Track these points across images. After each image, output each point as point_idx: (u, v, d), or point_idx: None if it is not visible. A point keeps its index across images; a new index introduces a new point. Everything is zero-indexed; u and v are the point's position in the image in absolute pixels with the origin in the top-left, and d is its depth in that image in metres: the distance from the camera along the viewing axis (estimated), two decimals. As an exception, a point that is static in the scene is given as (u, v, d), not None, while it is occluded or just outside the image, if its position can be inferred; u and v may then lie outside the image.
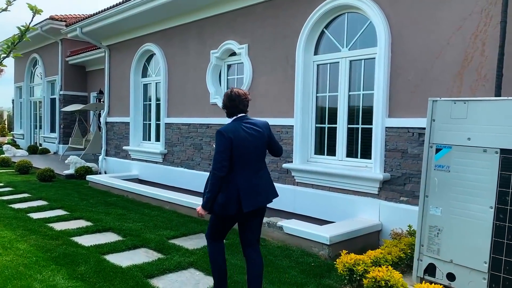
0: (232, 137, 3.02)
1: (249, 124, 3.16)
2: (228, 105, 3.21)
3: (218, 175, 2.99)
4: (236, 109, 3.19)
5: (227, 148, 3.00)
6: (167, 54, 8.82)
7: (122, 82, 10.30)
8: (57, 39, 15.90)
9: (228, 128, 3.08)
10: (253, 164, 3.12)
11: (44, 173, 9.41)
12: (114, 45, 10.58)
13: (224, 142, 3.01)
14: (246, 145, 3.06)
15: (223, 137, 3.02)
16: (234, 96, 3.18)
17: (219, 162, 2.99)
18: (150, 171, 9.24)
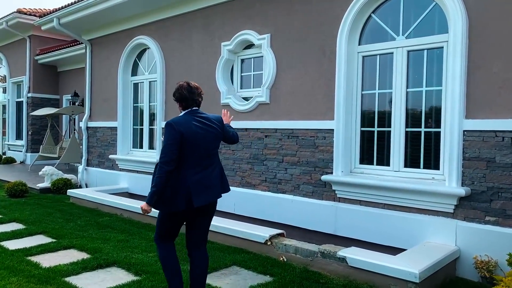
0: (182, 130, 2.93)
1: (201, 118, 3.10)
2: (182, 97, 3.11)
3: (166, 169, 2.87)
4: (191, 102, 3.12)
5: (176, 141, 2.91)
6: (165, 48, 7.63)
7: (107, 82, 8.99)
8: (25, 35, 14.28)
9: (179, 121, 3.00)
10: (204, 159, 3.05)
11: (15, 187, 7.95)
12: (98, 40, 9.25)
13: (173, 135, 2.92)
14: (197, 139, 2.99)
15: (172, 130, 2.93)
16: (189, 88, 3.11)
17: (167, 155, 2.89)
18: (143, 183, 7.97)
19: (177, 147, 2.91)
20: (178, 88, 3.15)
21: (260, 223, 5.77)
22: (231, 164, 6.41)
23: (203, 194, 2.99)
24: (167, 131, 2.96)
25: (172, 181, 2.91)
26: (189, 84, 3.16)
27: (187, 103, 3.12)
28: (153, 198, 2.91)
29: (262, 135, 6.00)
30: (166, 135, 2.96)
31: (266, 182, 5.93)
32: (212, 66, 6.73)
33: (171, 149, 2.90)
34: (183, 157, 2.95)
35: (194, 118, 3.06)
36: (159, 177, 2.88)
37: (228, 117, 3.61)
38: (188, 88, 3.13)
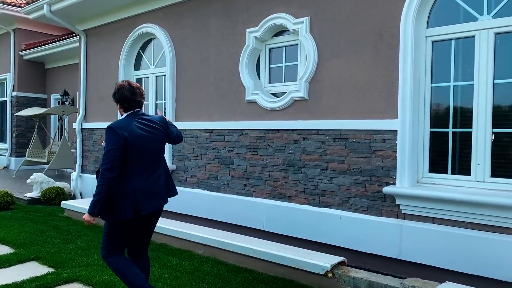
0: (126, 134, 2.81)
1: (144, 120, 2.99)
2: (124, 98, 2.97)
3: (109, 176, 2.74)
4: (133, 103, 2.99)
5: (120, 146, 2.78)
6: (175, 37, 6.63)
7: (105, 77, 7.94)
8: (9, 29, 13.08)
9: (121, 124, 2.87)
10: (150, 164, 2.95)
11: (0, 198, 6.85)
12: (94, 30, 8.20)
13: (116, 139, 2.78)
14: (141, 143, 2.89)
15: (115, 134, 2.79)
16: (131, 88, 2.99)
17: (110, 162, 2.75)
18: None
19: (121, 152, 2.79)
20: (118, 88, 3.00)
21: (298, 243, 4.84)
22: (259, 172, 5.45)
23: (151, 200, 2.89)
24: (109, 135, 2.81)
25: (117, 188, 2.80)
26: (130, 84, 3.02)
27: (129, 105, 2.98)
28: (95, 208, 2.76)
29: (299, 138, 5.06)
30: (107, 140, 2.81)
31: (305, 194, 4.99)
32: (234, 57, 5.77)
33: (114, 155, 2.76)
34: (128, 162, 2.83)
35: (137, 120, 2.94)
36: (101, 185, 2.74)
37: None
38: (129, 88, 2.99)
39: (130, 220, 2.87)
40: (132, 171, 2.85)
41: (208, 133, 6.12)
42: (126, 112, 3.00)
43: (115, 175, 2.76)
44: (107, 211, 2.82)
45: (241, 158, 5.67)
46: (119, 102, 3.01)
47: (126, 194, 2.80)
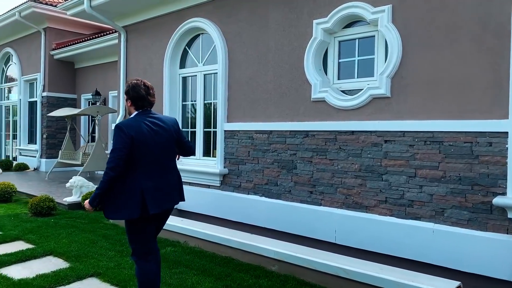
0: (133, 134, 2.80)
1: (154, 119, 2.96)
2: (139, 96, 2.95)
3: (111, 174, 2.75)
4: (146, 102, 2.99)
5: (126, 146, 2.78)
6: (228, 32, 6.16)
7: (148, 76, 7.53)
8: (40, 28, 12.85)
9: (130, 123, 2.85)
10: (157, 163, 2.93)
11: (42, 203, 6.47)
12: (135, 26, 7.80)
13: (123, 139, 2.78)
14: (149, 143, 2.86)
15: (122, 133, 2.78)
16: (146, 88, 2.99)
17: (114, 160, 2.75)
18: (196, 198, 6.50)
19: (126, 152, 2.78)
20: (134, 86, 2.98)
21: (378, 258, 4.31)
22: (329, 178, 4.93)
23: (159, 200, 2.88)
24: (117, 134, 2.81)
25: (122, 187, 2.81)
26: (145, 84, 3.02)
27: (142, 104, 2.98)
28: (95, 200, 2.84)
29: (379, 140, 4.52)
30: (114, 139, 2.82)
31: (387, 204, 4.45)
32: (298, 52, 5.27)
33: (119, 154, 2.77)
34: (134, 161, 2.82)
35: (147, 119, 2.92)
36: (103, 181, 2.79)
37: None
38: (144, 87, 2.99)
39: (142, 218, 2.85)
40: (139, 170, 2.84)
41: (266, 135, 5.63)
42: (137, 111, 2.99)
43: (117, 174, 2.77)
44: (112, 208, 2.84)
45: (306, 162, 5.16)
46: (133, 100, 2.98)
47: (132, 193, 2.80)
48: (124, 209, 2.81)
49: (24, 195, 8.35)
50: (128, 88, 3.01)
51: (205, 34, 6.66)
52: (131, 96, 2.98)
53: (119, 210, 2.83)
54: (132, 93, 2.97)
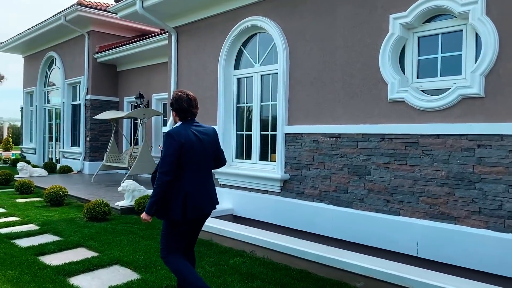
0: (183, 141, 2.96)
1: (199, 128, 3.13)
2: (182, 109, 3.10)
3: (165, 179, 2.90)
4: (189, 114, 3.13)
5: (176, 152, 2.93)
6: (289, 30, 5.87)
7: (200, 78, 7.33)
8: (84, 31, 12.94)
9: (179, 131, 3.01)
10: (201, 170, 3.09)
11: (97, 208, 6.34)
12: (187, 27, 7.62)
13: (174, 145, 2.93)
14: (196, 151, 3.03)
15: (173, 140, 2.94)
16: (189, 101, 3.11)
17: (166, 166, 2.91)
18: (254, 204, 6.23)
19: (177, 158, 2.92)
20: (177, 99, 3.12)
21: (470, 274, 3.89)
22: (409, 186, 4.54)
23: (198, 205, 3.03)
24: (168, 141, 2.95)
25: (171, 191, 2.94)
26: (188, 96, 3.14)
27: (185, 115, 3.12)
28: (152, 208, 2.95)
29: (471, 145, 4.11)
30: (166, 145, 2.95)
31: (481, 215, 4.03)
32: (371, 49, 4.91)
33: (171, 160, 2.91)
34: (183, 167, 2.96)
35: (192, 128, 3.08)
36: (158, 187, 2.90)
37: None
38: (187, 100, 3.11)
39: (183, 221, 3.00)
40: (185, 176, 2.98)
41: (333, 138, 5.29)
42: (181, 121, 3.13)
43: (170, 178, 2.90)
44: (161, 211, 2.99)
45: (382, 168, 4.79)
46: (176, 112, 3.13)
47: (177, 197, 2.95)
48: (170, 212, 2.96)
49: (74, 199, 8.31)
50: (172, 100, 3.14)
51: (263, 33, 6.39)
52: (175, 108, 3.13)
53: (166, 213, 2.98)
54: (176, 105, 3.12)
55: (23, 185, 8.90)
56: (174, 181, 2.93)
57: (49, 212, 7.04)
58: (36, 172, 11.86)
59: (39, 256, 4.58)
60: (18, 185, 8.89)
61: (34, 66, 16.41)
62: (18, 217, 6.65)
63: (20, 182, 8.93)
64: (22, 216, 6.68)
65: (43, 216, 6.68)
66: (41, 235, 5.52)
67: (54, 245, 4.97)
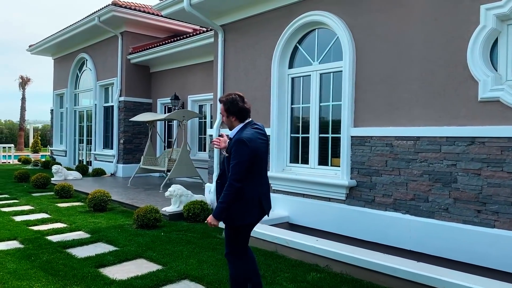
0: (254, 146, 2.93)
1: (259, 129, 3.11)
2: (240, 110, 3.06)
3: (237, 186, 2.88)
4: (245, 113, 3.09)
5: (249, 158, 2.90)
6: (355, 25, 5.45)
7: (251, 78, 6.97)
8: (117, 32, 12.77)
9: (249, 136, 2.95)
10: (264, 172, 3.13)
11: (148, 215, 6.03)
12: (235, 24, 7.28)
13: (247, 152, 2.89)
14: (261, 154, 3.04)
15: (246, 147, 2.89)
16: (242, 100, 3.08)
17: (240, 173, 2.88)
18: (313, 212, 5.82)
19: (250, 164, 2.90)
20: (231, 102, 3.05)
21: None
22: (507, 195, 4.07)
23: (267, 204, 3.12)
24: (240, 148, 2.89)
25: (244, 195, 2.93)
26: (238, 95, 3.10)
27: (244, 114, 3.08)
28: (222, 213, 2.92)
29: None
30: (238, 152, 2.89)
31: None
32: (457, 43, 4.46)
33: (244, 166, 2.88)
34: (252, 171, 2.95)
35: (256, 130, 3.05)
36: (229, 193, 2.88)
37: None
38: (240, 99, 3.08)
39: (254, 223, 3.08)
40: (255, 178, 3.01)
41: (411, 142, 4.84)
42: (241, 122, 3.08)
43: (241, 185, 2.88)
44: (238, 215, 2.97)
45: (472, 175, 4.32)
46: (234, 114, 3.06)
47: (252, 200, 2.98)
48: (248, 216, 2.99)
49: (116, 203, 8.04)
50: (227, 105, 3.06)
51: (322, 29, 6.00)
52: (232, 112, 3.05)
53: (244, 217, 2.98)
54: (233, 108, 3.04)
55: (63, 189, 8.69)
56: (243, 187, 2.91)
57: (95, 218, 6.77)
58: (70, 175, 11.70)
59: (99, 268, 4.27)
60: (58, 189, 8.68)
61: (64, 67, 16.37)
62: (64, 223, 6.39)
63: (60, 186, 8.72)
64: (68, 222, 6.42)
65: (90, 223, 6.41)
66: (94, 244, 5.23)
67: (112, 255, 4.66)
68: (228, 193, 2.87)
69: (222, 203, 2.88)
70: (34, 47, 16.89)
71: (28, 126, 33.95)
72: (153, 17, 12.57)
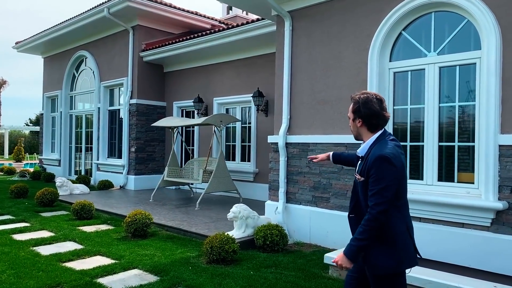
0: (400, 165, 2.28)
1: (395, 141, 2.39)
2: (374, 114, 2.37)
3: (382, 219, 2.21)
4: (381, 120, 2.39)
5: (397, 182, 2.24)
6: (499, 4, 4.33)
7: (332, 73, 5.75)
8: (128, 26, 11.31)
9: (393, 151, 2.27)
10: (407, 198, 2.40)
11: (225, 246, 4.65)
12: (308, 10, 6.05)
13: (394, 173, 2.23)
14: (405, 175, 2.36)
15: (392, 167, 2.23)
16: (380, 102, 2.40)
17: (386, 202, 2.20)
18: (437, 241, 4.62)
19: (396, 189, 2.24)
20: (365, 101, 2.39)
21: None
22: None
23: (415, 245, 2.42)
24: (384, 168, 2.22)
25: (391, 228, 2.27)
26: (377, 96, 2.42)
27: (378, 122, 2.39)
28: (359, 253, 2.27)
29: None
30: (383, 174, 2.22)
31: None
32: None
33: (391, 193, 2.22)
34: (399, 198, 2.30)
35: (395, 145, 2.35)
36: (370, 229, 2.19)
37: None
38: (378, 101, 2.39)
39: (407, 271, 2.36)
40: (402, 206, 2.33)
41: None
42: (373, 132, 2.41)
43: (385, 217, 2.21)
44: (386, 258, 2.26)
45: None
46: (365, 119, 2.40)
47: (403, 235, 2.30)
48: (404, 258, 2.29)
49: (154, 226, 6.59)
50: (358, 104, 2.42)
51: (441, 12, 4.85)
52: (363, 114, 2.41)
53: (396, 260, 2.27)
54: (365, 110, 2.39)
55: (83, 208, 7.16)
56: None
57: (142, 248, 5.35)
58: (77, 189, 10.10)
59: None
60: (77, 208, 7.15)
61: (58, 67, 14.67)
62: (107, 257, 4.96)
63: (80, 205, 7.18)
64: (112, 255, 5.00)
65: (141, 256, 4.98)
66: (173, 295, 3.84)
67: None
68: (369, 228, 2.21)
69: (360, 240, 2.22)
70: (21, 45, 15.11)
71: (3, 130, 31.40)
72: (169, 10, 11.18)
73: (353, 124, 2.49)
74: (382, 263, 2.28)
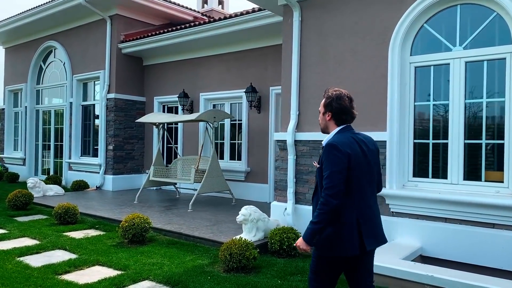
0: (349, 152, 2.40)
1: (361, 137, 2.56)
2: (343, 110, 2.53)
3: (334, 203, 2.32)
4: (349, 117, 2.56)
5: (344, 167, 2.37)
6: (536, -3, 4.19)
7: (343, 68, 5.47)
8: (105, 15, 10.54)
9: (343, 140, 2.44)
10: (367, 191, 2.50)
11: (246, 253, 4.25)
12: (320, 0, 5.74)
13: (340, 159, 2.37)
14: (361, 165, 2.46)
15: (339, 153, 2.37)
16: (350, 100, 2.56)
17: (334, 186, 2.33)
18: (466, 242, 4.45)
19: (345, 174, 2.37)
20: (338, 96, 2.55)
21: None
22: None
23: (373, 233, 2.48)
24: (331, 154, 2.38)
25: (337, 217, 2.38)
26: (346, 94, 2.58)
27: (346, 118, 2.55)
28: (313, 236, 2.39)
29: None
30: (330, 160, 2.38)
31: None
32: None
33: (338, 178, 2.35)
34: (348, 187, 2.40)
35: (355, 137, 2.50)
36: (323, 212, 2.34)
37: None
38: (348, 99, 2.56)
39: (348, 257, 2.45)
40: (353, 197, 2.42)
41: None
42: (339, 126, 2.56)
43: (339, 201, 2.33)
44: (324, 243, 2.42)
45: None
46: (335, 113, 2.55)
47: (348, 225, 2.40)
48: (341, 244, 2.39)
49: (150, 230, 6.04)
50: (330, 99, 2.56)
51: (467, 4, 4.67)
52: (334, 108, 2.54)
53: (335, 246, 2.40)
54: (336, 104, 2.53)
55: (67, 212, 6.48)
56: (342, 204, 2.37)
57: (146, 256, 4.84)
58: (50, 190, 9.30)
59: None
60: (60, 212, 6.46)
61: (22, 59, 13.57)
62: (110, 268, 4.43)
63: (63, 208, 6.49)
64: (114, 265, 4.47)
65: (148, 265, 4.49)
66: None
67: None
68: (323, 212, 2.33)
69: (315, 223, 2.36)
70: (-21, 33, 13.85)
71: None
72: (152, -1, 10.54)
73: (322, 117, 2.61)
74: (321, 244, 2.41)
